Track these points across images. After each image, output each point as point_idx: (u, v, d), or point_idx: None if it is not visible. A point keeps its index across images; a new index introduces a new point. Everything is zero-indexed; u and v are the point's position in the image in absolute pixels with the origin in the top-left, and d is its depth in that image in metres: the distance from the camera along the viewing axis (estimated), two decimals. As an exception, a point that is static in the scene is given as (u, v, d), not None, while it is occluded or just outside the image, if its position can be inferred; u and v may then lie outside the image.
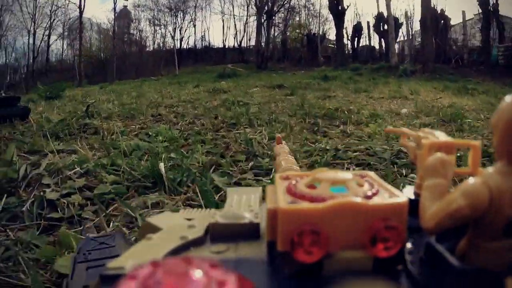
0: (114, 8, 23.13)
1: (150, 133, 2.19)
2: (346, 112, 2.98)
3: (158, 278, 0.17)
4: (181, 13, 26.02)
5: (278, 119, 2.64)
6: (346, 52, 19.80)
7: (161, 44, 26.17)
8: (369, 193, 0.29)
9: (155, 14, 26.23)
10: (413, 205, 0.30)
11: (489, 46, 14.60)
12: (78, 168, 1.42)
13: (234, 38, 27.19)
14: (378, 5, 19.76)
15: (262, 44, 20.04)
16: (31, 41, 22.49)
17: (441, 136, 0.37)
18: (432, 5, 14.33)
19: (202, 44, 27.66)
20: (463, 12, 16.49)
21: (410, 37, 19.51)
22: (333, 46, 22.66)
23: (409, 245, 0.31)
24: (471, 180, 0.26)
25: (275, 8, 20.52)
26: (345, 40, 19.76)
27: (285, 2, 22.32)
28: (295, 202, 0.28)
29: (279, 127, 2.36)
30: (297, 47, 23.44)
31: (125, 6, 25.84)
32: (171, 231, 0.35)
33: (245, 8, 26.05)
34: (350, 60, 18.45)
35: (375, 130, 2.25)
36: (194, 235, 0.34)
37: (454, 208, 0.25)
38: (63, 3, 22.92)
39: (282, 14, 23.59)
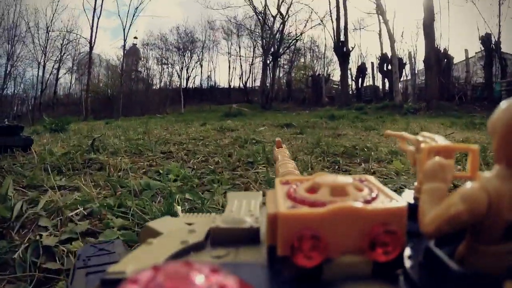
0: (124, 46, 23.59)
1: (161, 171, 2.00)
2: (364, 149, 2.87)
3: (159, 282, 0.17)
4: (189, 53, 26.85)
5: (297, 158, 2.47)
6: (350, 92, 20.15)
7: (168, 83, 26.94)
8: (369, 198, 0.29)
9: (163, 53, 27.09)
10: (412, 209, 0.30)
11: (491, 82, 14.92)
12: (81, 209, 1.27)
13: (240, 79, 27.86)
14: (382, 46, 20.10)
15: (267, 84, 20.17)
16: (40, 73, 23.17)
17: (440, 140, 0.37)
18: (436, 45, 14.68)
19: (208, 84, 28.38)
20: (466, 51, 16.79)
21: (414, 76, 19.77)
22: (337, 86, 23.09)
23: (408, 249, 0.31)
24: (469, 184, 0.26)
25: (281, 50, 20.78)
26: (349, 81, 20.18)
27: (291, 44, 22.94)
28: (295, 207, 0.28)
29: (299, 166, 2.18)
30: (301, 88, 23.82)
31: (135, 44, 26.60)
32: (171, 236, 0.35)
33: (252, 50, 26.65)
34: (354, 100, 18.89)
35: (400, 167, 2.13)
36: (194, 240, 0.34)
37: (453, 212, 0.25)
38: (75, 38, 23.73)
39: (288, 56, 24.04)
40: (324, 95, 20.70)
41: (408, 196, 0.40)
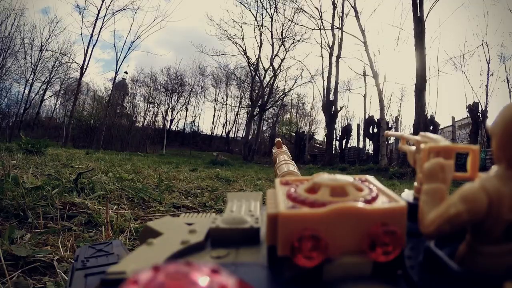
0: (114, 78, 23.36)
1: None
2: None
3: (159, 283, 0.17)
4: (176, 95, 26.60)
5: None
6: (333, 152, 19.80)
7: (151, 122, 26.70)
8: (369, 198, 0.29)
9: (151, 91, 27.09)
10: (412, 209, 0.30)
11: None
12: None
13: (223, 127, 27.76)
14: (368, 108, 20.15)
15: (251, 136, 19.83)
16: (26, 91, 22.61)
17: (440, 141, 0.36)
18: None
19: (191, 128, 27.94)
20: (453, 118, 16.83)
21: (399, 141, 19.56)
22: (319, 145, 22.85)
23: (408, 249, 0.31)
24: (469, 185, 0.26)
25: (268, 104, 20.70)
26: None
27: (279, 98, 22.99)
28: (295, 207, 0.28)
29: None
30: (284, 143, 23.47)
31: (124, 79, 26.58)
32: (172, 236, 0.35)
33: (238, 100, 26.57)
34: (337, 159, 18.69)
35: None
36: (195, 240, 0.33)
37: (453, 213, 0.25)
38: (67, 61, 23.39)
39: (273, 110, 23.94)
40: (307, 153, 20.49)
41: (408, 196, 0.40)
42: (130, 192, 2.22)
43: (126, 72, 26.57)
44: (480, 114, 15.70)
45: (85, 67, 20.52)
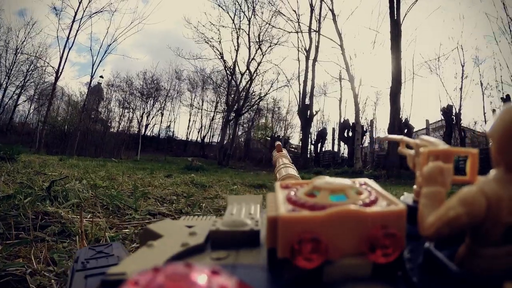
0: (90, 82, 22.73)
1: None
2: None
3: (159, 284, 0.17)
4: (152, 100, 26.26)
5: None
6: (308, 156, 19.92)
7: (126, 127, 26.13)
8: (368, 201, 0.29)
9: (126, 96, 26.49)
10: (412, 212, 0.30)
11: None
12: None
13: (198, 132, 27.45)
14: (344, 112, 20.32)
15: (226, 141, 19.80)
16: (0, 95, 22.00)
17: (439, 144, 0.36)
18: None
19: (166, 134, 27.64)
20: (427, 121, 17.04)
21: (373, 144, 19.96)
22: (294, 149, 22.90)
23: (407, 252, 0.31)
24: (468, 188, 0.26)
25: (244, 108, 20.63)
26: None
27: (255, 102, 22.77)
28: (295, 210, 0.28)
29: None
30: (259, 148, 23.54)
31: (99, 83, 25.84)
32: (172, 238, 0.35)
33: (214, 105, 26.46)
34: (312, 163, 18.75)
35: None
36: (195, 242, 0.34)
37: (452, 216, 0.26)
38: (42, 65, 22.81)
39: (249, 115, 23.89)
40: (282, 157, 20.48)
41: (407, 199, 0.41)
42: (104, 200, 2.12)
43: (101, 76, 25.96)
44: (454, 117, 15.98)
45: (60, 70, 19.62)
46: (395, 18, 13.93)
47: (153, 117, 26.98)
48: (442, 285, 0.26)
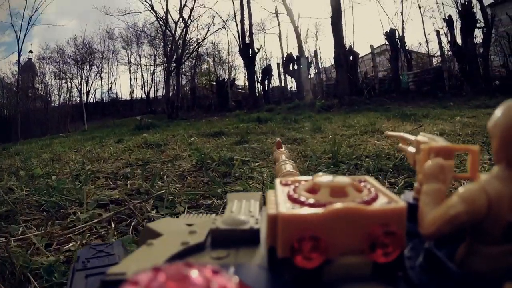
0: (18, 60, 21.18)
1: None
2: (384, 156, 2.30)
3: (159, 283, 0.17)
4: (88, 65, 25.32)
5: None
6: (257, 94, 19.63)
7: (67, 99, 25.09)
8: (368, 199, 0.29)
9: (61, 66, 25.33)
10: (412, 210, 0.30)
11: (398, 75, 15.52)
12: None
13: (142, 89, 26.67)
14: (285, 47, 20.08)
15: (172, 93, 19.24)
16: None
17: (439, 141, 0.36)
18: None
19: (109, 97, 26.83)
20: (371, 46, 17.02)
21: (320, 74, 19.88)
22: (241, 90, 22.63)
23: (408, 250, 0.31)
24: (469, 185, 0.26)
25: (183, 57, 19.84)
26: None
27: (194, 49, 22.18)
28: (295, 208, 0.28)
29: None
30: (206, 94, 23.22)
31: (30, 59, 24.47)
32: (172, 237, 0.35)
33: (152, 58, 25.57)
34: (262, 101, 18.38)
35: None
36: (195, 241, 0.33)
37: (452, 214, 0.25)
38: None
39: (190, 62, 23.27)
40: (231, 100, 20.25)
41: (407, 197, 0.40)
42: (41, 197, 1.66)
43: (31, 51, 24.41)
44: (398, 40, 16.05)
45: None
46: None
47: (92, 82, 26.00)
48: (442, 284, 0.26)
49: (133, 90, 27.73)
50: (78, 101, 24.84)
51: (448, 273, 0.26)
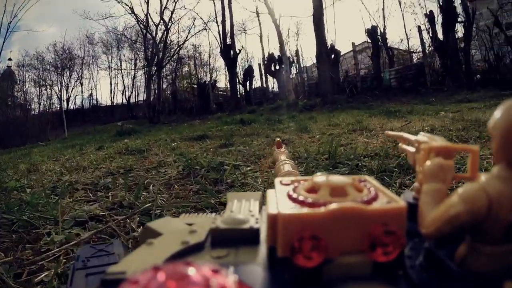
0: None
1: None
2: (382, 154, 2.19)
3: (159, 283, 0.17)
4: (68, 71, 24.94)
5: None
6: (239, 96, 19.69)
7: (47, 106, 24.74)
8: (368, 198, 0.29)
9: (41, 73, 25.06)
10: (412, 209, 0.30)
11: (380, 72, 15.64)
12: None
13: (122, 94, 26.37)
14: (267, 47, 20.02)
15: (153, 97, 19.08)
16: None
17: (439, 141, 0.36)
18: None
19: (89, 103, 26.52)
20: (353, 44, 17.06)
21: (302, 74, 19.91)
22: (223, 93, 22.54)
23: (408, 249, 0.31)
24: (469, 185, 0.26)
25: (164, 60, 19.81)
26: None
27: (175, 52, 22.14)
28: (295, 208, 0.28)
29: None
30: (187, 98, 23.12)
31: (9, 67, 24.20)
32: (172, 236, 0.35)
33: (133, 63, 25.37)
34: (243, 103, 18.43)
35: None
36: (195, 240, 0.33)
37: (453, 214, 0.25)
38: None
39: (170, 66, 23.17)
40: (212, 103, 20.16)
41: (408, 197, 0.39)
42: (13, 216, 1.46)
43: (10, 59, 24.26)
44: (380, 37, 16.16)
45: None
46: None
47: (72, 89, 25.79)
48: (442, 284, 0.26)
49: (113, 96, 27.63)
50: (58, 108, 24.50)
51: (448, 272, 0.26)
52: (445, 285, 0.26)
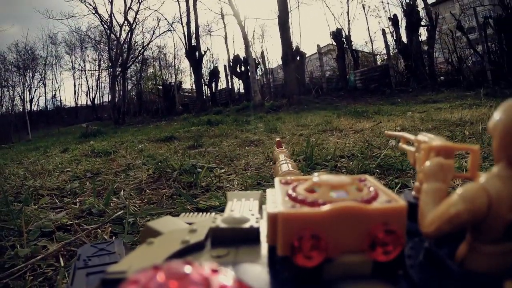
0: None
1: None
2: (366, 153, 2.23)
3: (159, 282, 0.17)
4: (30, 72, 24.34)
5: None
6: (205, 97, 19.53)
7: (10, 108, 24.31)
8: (368, 197, 0.29)
9: (2, 74, 24.55)
10: (412, 209, 0.30)
11: (345, 73, 15.73)
12: None
13: (87, 95, 25.84)
14: (232, 48, 19.99)
15: (118, 98, 18.79)
16: None
17: (440, 141, 0.36)
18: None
19: (53, 105, 25.89)
20: (318, 46, 17.16)
21: (267, 75, 19.98)
22: (188, 94, 22.40)
23: (408, 249, 0.31)
24: (469, 184, 0.26)
25: (129, 61, 19.58)
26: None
27: (140, 53, 22.05)
28: (295, 207, 0.28)
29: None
30: (152, 99, 22.90)
31: None
32: (172, 236, 0.35)
33: (97, 63, 24.91)
34: (209, 104, 18.48)
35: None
36: (195, 240, 0.33)
37: (453, 213, 0.25)
38: None
39: (135, 67, 22.88)
40: (178, 104, 20.00)
41: (408, 196, 0.39)
42: None
43: (-30, 60, 23.32)
44: (345, 40, 16.26)
45: None
46: None
47: (35, 90, 25.42)
48: (442, 283, 0.26)
49: (78, 97, 27.31)
50: (21, 109, 24.14)
51: (448, 271, 0.26)
52: (445, 284, 0.26)
